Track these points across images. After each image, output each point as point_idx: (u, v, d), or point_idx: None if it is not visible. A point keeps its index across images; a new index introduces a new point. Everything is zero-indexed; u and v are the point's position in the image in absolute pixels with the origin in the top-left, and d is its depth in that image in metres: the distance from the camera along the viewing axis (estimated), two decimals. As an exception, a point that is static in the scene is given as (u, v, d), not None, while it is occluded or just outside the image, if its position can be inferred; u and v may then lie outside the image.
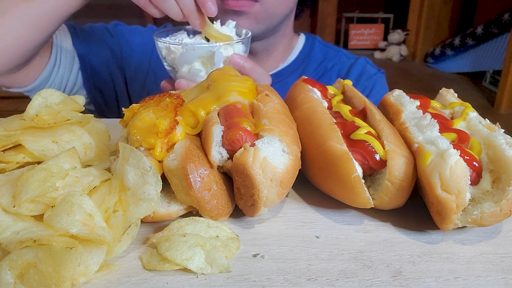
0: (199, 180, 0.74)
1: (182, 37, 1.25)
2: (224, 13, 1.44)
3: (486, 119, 0.84)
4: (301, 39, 1.88)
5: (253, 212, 0.76)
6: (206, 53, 1.16)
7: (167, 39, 1.25)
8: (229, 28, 1.26)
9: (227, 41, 1.19)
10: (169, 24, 1.85)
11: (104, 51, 1.75)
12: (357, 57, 1.87)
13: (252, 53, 1.70)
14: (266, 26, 1.54)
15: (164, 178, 0.76)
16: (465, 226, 0.75)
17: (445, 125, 0.80)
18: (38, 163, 0.71)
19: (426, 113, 0.83)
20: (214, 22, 1.25)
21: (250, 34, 1.26)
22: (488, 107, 5.12)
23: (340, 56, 1.86)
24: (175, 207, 0.78)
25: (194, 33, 1.28)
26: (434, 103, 0.92)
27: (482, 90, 5.63)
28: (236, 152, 0.74)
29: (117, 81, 1.81)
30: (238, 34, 1.28)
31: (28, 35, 1.30)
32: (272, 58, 1.77)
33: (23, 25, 1.27)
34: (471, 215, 0.71)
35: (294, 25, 1.85)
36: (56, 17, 1.31)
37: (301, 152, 0.80)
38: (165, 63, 1.26)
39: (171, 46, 1.18)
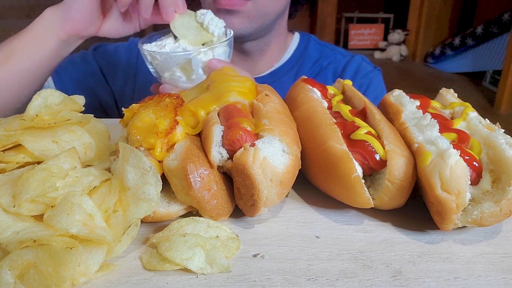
0: (199, 180, 0.74)
1: (168, 41, 1.24)
2: (217, 12, 1.44)
3: (486, 119, 0.84)
4: (296, 38, 1.87)
5: (253, 212, 0.76)
6: (184, 60, 1.18)
7: (153, 44, 1.26)
8: (216, 27, 1.25)
9: (194, 39, 1.20)
10: (153, 33, 1.86)
11: (86, 80, 1.74)
12: (353, 54, 1.86)
13: (246, 53, 1.70)
14: (259, 25, 1.54)
15: (164, 178, 0.76)
16: (465, 226, 0.75)
17: (445, 125, 0.80)
18: (38, 163, 0.71)
19: (426, 113, 0.83)
20: (206, 11, 1.25)
21: (231, 35, 1.26)
22: (488, 107, 5.12)
23: (335, 54, 1.85)
24: (175, 207, 0.77)
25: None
26: (434, 103, 0.92)
27: (482, 90, 5.63)
28: (236, 152, 0.74)
29: (106, 102, 1.80)
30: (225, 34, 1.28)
31: (16, 91, 1.29)
32: (266, 57, 1.77)
33: (11, 83, 1.27)
34: (471, 215, 0.71)
35: (293, 25, 1.85)
36: (43, 71, 1.32)
37: (301, 152, 0.80)
38: (151, 68, 1.27)
39: (153, 54, 1.20)
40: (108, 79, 1.78)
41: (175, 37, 1.26)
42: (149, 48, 1.22)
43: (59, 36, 1.27)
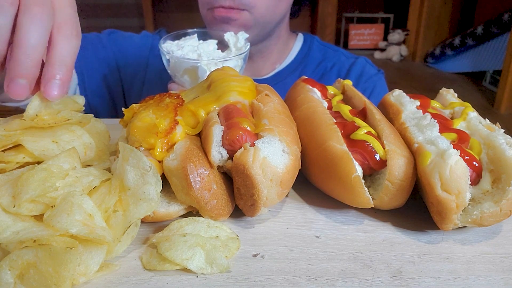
0: (199, 180, 0.74)
1: (189, 42, 1.25)
2: (214, 20, 1.47)
3: (486, 119, 0.84)
4: (299, 39, 1.86)
5: (253, 212, 0.76)
6: (191, 67, 1.19)
7: (174, 43, 1.26)
8: (239, 41, 1.27)
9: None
10: (163, 30, 1.85)
11: (100, 66, 1.72)
12: (357, 56, 1.85)
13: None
14: (256, 33, 1.55)
15: (164, 178, 0.76)
16: (465, 226, 0.75)
17: (445, 125, 0.80)
18: (38, 163, 0.71)
19: (426, 113, 0.83)
20: (229, 32, 1.27)
21: (247, 49, 1.26)
22: (488, 107, 5.12)
23: (339, 55, 1.84)
24: (175, 207, 0.78)
25: (205, 38, 1.30)
26: (434, 103, 0.92)
27: (482, 90, 5.62)
28: (236, 152, 0.74)
29: (115, 91, 1.79)
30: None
31: None
32: (267, 59, 1.76)
33: None
34: (471, 215, 0.71)
35: (293, 25, 1.84)
36: None
37: (301, 152, 0.80)
38: (166, 66, 1.28)
39: (165, 53, 1.22)
40: (120, 67, 1.77)
41: (199, 39, 1.27)
42: (167, 46, 1.23)
43: None
